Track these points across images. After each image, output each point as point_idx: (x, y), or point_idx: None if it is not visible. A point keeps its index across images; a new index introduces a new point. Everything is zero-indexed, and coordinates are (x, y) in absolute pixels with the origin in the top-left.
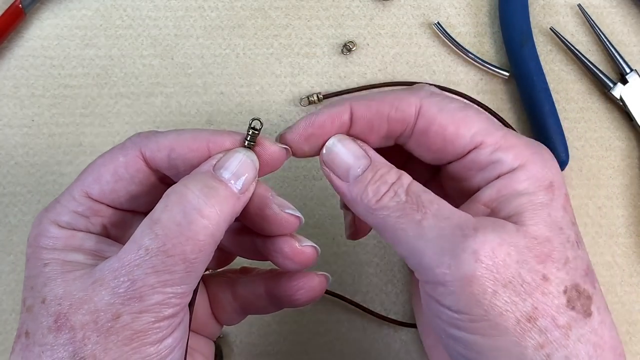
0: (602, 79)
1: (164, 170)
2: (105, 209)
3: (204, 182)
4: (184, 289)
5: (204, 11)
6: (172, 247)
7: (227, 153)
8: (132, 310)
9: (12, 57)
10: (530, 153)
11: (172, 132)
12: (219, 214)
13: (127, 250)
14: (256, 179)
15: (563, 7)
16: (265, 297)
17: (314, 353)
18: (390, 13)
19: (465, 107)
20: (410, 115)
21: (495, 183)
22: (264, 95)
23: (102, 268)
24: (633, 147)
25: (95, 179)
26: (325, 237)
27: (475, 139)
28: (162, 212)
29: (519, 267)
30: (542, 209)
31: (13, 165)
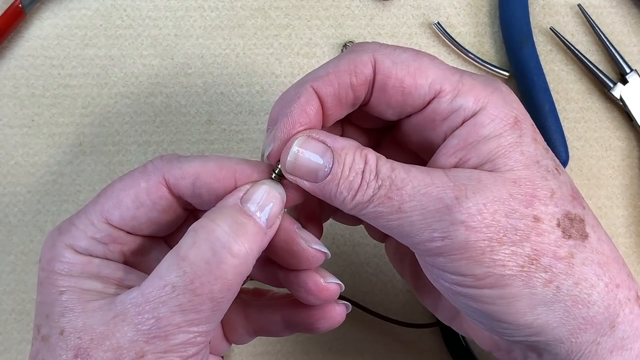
0: (602, 79)
1: (187, 198)
2: (124, 236)
3: (232, 217)
4: (208, 327)
5: (204, 11)
6: (200, 285)
7: (254, 185)
8: (157, 349)
9: (12, 57)
10: (489, 92)
11: (196, 159)
12: (248, 251)
13: (151, 285)
14: (282, 212)
15: (563, 7)
16: (281, 323)
17: (314, 353)
18: (390, 13)
19: (418, 56)
20: (370, 74)
21: (460, 131)
22: (264, 95)
23: (124, 301)
24: (633, 147)
25: (116, 204)
26: (325, 237)
27: (434, 87)
28: (190, 248)
29: (508, 218)
30: (514, 149)
31: (13, 165)
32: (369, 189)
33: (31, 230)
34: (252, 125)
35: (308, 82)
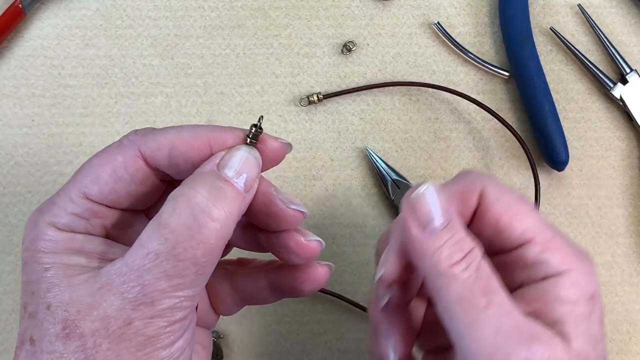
0: (602, 79)
1: (163, 169)
2: (104, 210)
3: (210, 183)
4: (194, 291)
5: (204, 11)
6: (182, 251)
7: (230, 151)
8: (144, 315)
9: (12, 57)
10: (576, 259)
11: (170, 130)
12: (228, 215)
13: (134, 254)
14: (259, 175)
15: (563, 7)
16: (267, 288)
17: (314, 353)
18: (390, 13)
19: (521, 201)
20: (474, 205)
21: (540, 285)
22: (264, 95)
23: (109, 272)
24: (633, 147)
25: (93, 179)
26: (325, 237)
27: (526, 234)
28: (171, 215)
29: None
30: (584, 322)
31: (13, 165)
32: (468, 270)
33: None
34: None
35: (480, 178)
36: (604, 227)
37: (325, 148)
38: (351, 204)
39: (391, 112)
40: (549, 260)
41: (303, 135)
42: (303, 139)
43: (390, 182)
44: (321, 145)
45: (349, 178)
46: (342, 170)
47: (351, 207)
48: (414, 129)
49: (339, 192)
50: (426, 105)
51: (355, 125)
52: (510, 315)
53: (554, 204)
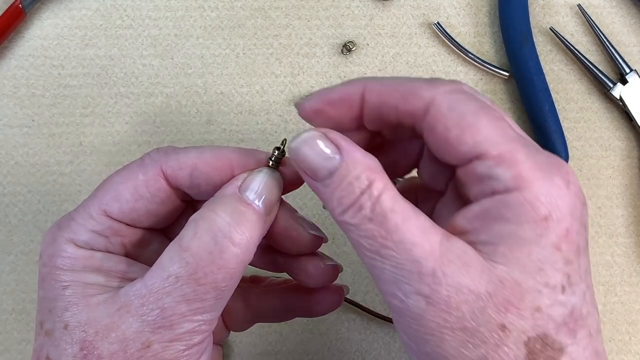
0: (602, 79)
1: (184, 189)
2: (124, 228)
3: (232, 206)
4: (213, 315)
5: (204, 11)
6: (203, 275)
7: (252, 173)
8: (163, 339)
9: (12, 57)
10: (537, 176)
11: (193, 150)
12: (249, 239)
13: (154, 276)
14: (280, 199)
15: (563, 7)
16: (280, 307)
17: (314, 353)
18: (390, 13)
19: (480, 111)
20: (418, 109)
21: (485, 201)
22: (264, 95)
23: (128, 293)
24: (633, 147)
25: (114, 197)
26: None
27: (478, 148)
28: (192, 239)
29: (474, 315)
30: (523, 246)
31: (13, 165)
32: (359, 214)
33: (31, 230)
34: (252, 125)
35: (365, 80)
36: (604, 227)
37: None
38: None
39: None
40: (499, 175)
41: None
42: None
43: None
44: None
45: None
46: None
47: None
48: None
49: None
50: None
51: None
52: (411, 250)
53: None
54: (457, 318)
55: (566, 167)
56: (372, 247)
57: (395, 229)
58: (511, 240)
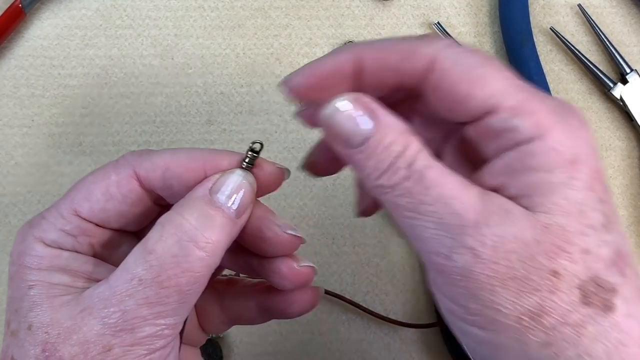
0: (602, 79)
1: (157, 191)
2: (94, 229)
3: (200, 209)
4: (176, 320)
5: (204, 11)
6: (166, 279)
7: (224, 175)
8: (124, 342)
9: (12, 57)
10: (554, 120)
11: (167, 151)
12: (216, 243)
13: (118, 279)
14: (253, 201)
15: (563, 7)
16: (255, 309)
17: (314, 353)
18: (390, 13)
19: (484, 63)
20: (421, 68)
21: (509, 155)
22: (264, 95)
23: (91, 295)
24: (633, 147)
25: (86, 197)
26: (325, 237)
27: (490, 101)
28: (157, 242)
29: (523, 263)
30: (558, 190)
31: (13, 165)
32: (396, 176)
33: None
34: (252, 125)
35: (356, 46)
36: None
37: None
38: (351, 204)
39: None
40: (518, 126)
41: (303, 135)
42: (303, 139)
43: None
44: None
45: (349, 178)
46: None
47: (351, 207)
48: None
49: (339, 192)
50: None
51: None
52: (451, 204)
53: None
54: (507, 268)
55: (576, 109)
56: (411, 205)
57: (434, 185)
58: (545, 188)
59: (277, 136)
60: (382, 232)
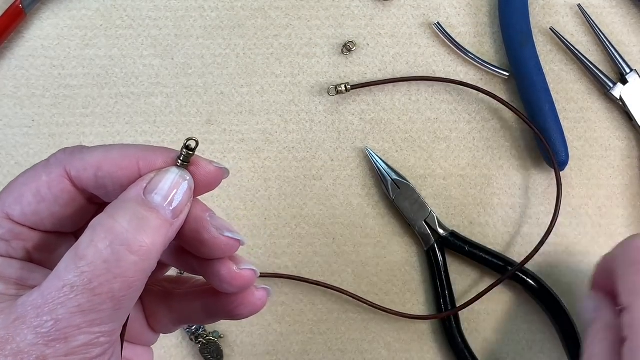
0: (602, 79)
1: (91, 190)
2: (27, 232)
3: (132, 212)
4: (112, 327)
5: (204, 11)
6: (98, 285)
7: (159, 173)
8: (58, 352)
9: (13, 57)
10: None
11: (99, 148)
12: (151, 247)
13: (50, 286)
14: (191, 200)
15: (563, 7)
16: (202, 310)
17: (314, 353)
18: (390, 13)
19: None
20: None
21: None
22: (264, 95)
23: (25, 303)
24: (633, 147)
25: (16, 199)
26: (325, 237)
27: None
28: (88, 247)
29: None
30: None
31: (13, 165)
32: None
33: None
34: (252, 125)
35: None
36: (604, 227)
37: (325, 148)
38: (351, 204)
39: (391, 112)
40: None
41: (303, 135)
42: (303, 139)
43: (390, 182)
44: (321, 145)
45: (349, 178)
46: (342, 170)
47: (351, 207)
48: (414, 129)
49: (339, 192)
50: (426, 105)
51: (355, 125)
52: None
53: (554, 204)
54: None
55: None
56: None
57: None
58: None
59: (277, 136)
60: (382, 232)
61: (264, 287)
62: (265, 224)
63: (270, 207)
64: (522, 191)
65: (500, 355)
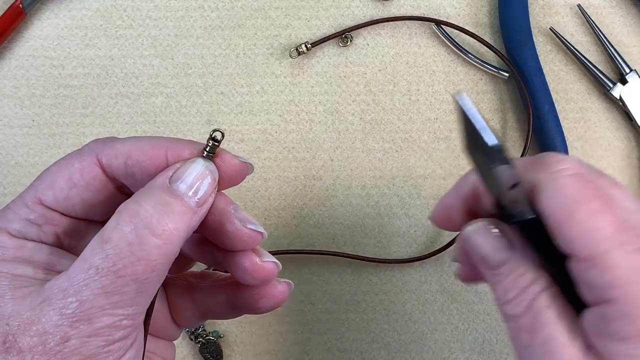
0: (602, 79)
1: (120, 178)
2: (58, 217)
3: (157, 197)
4: (135, 310)
5: (204, 11)
6: (122, 267)
7: (185, 163)
8: (81, 333)
9: (13, 57)
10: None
11: (130, 139)
12: (174, 232)
13: (76, 269)
14: (215, 191)
15: (563, 7)
16: (225, 304)
17: (314, 353)
18: (390, 13)
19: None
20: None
21: (591, 311)
22: (264, 95)
23: (52, 286)
24: (633, 147)
25: (49, 185)
26: (325, 237)
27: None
28: (113, 230)
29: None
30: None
31: (13, 165)
32: (517, 308)
33: None
34: (252, 125)
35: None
36: None
37: (325, 148)
38: (351, 204)
39: (391, 112)
40: (595, 281)
41: (303, 135)
42: (303, 139)
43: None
44: (321, 145)
45: (348, 178)
46: (342, 170)
47: (351, 207)
48: (414, 129)
49: (338, 192)
50: (426, 105)
51: (355, 125)
52: (554, 353)
53: None
54: None
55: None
56: (521, 340)
57: (544, 326)
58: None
59: (277, 136)
60: (382, 232)
61: (285, 280)
62: (265, 224)
63: (270, 207)
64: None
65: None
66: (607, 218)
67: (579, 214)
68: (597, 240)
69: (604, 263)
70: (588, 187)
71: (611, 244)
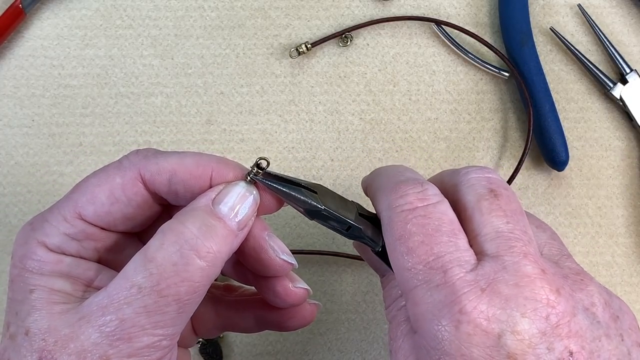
0: (602, 79)
1: (162, 194)
2: (98, 233)
3: (202, 219)
4: (174, 330)
5: (204, 11)
6: (166, 287)
7: (228, 186)
8: (121, 353)
9: (12, 57)
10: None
11: (173, 155)
12: (217, 254)
13: (117, 286)
14: (255, 215)
15: (563, 7)
16: (252, 319)
17: (314, 353)
18: (390, 13)
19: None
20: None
21: None
22: (264, 95)
23: (90, 303)
24: (633, 147)
25: (90, 200)
26: (325, 237)
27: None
28: (158, 250)
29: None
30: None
31: (13, 165)
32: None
33: None
34: (252, 125)
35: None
36: (604, 227)
37: (325, 148)
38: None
39: (391, 112)
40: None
41: (303, 135)
42: (303, 139)
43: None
44: (321, 145)
45: (348, 178)
46: (342, 170)
47: None
48: (414, 129)
49: (338, 192)
50: (426, 105)
51: (355, 125)
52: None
53: (554, 204)
54: None
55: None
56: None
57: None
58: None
59: (277, 136)
60: None
61: (314, 302)
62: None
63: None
64: (522, 191)
65: None
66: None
67: (394, 253)
68: (405, 278)
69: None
70: (413, 223)
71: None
